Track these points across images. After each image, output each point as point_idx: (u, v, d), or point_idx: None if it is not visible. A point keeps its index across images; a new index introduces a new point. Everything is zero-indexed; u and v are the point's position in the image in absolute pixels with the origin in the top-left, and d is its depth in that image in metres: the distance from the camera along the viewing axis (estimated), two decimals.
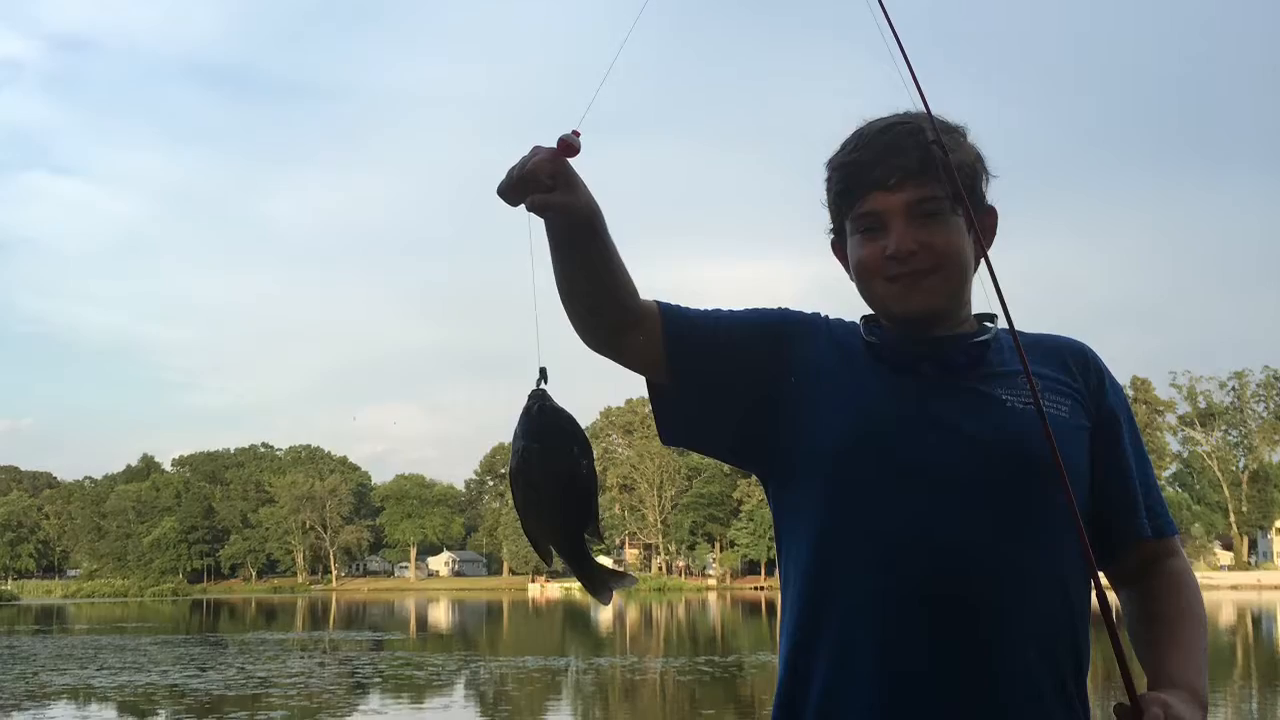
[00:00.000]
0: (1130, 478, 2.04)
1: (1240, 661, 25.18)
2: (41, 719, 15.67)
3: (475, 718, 17.29)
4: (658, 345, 1.99)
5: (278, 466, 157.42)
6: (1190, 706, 1.79)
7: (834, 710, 1.90)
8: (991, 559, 1.86)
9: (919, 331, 1.99)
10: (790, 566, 2.03)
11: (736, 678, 22.03)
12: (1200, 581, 2.13)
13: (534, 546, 1.96)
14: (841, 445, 1.94)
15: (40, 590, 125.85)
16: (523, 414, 1.89)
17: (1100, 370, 2.07)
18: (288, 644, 33.66)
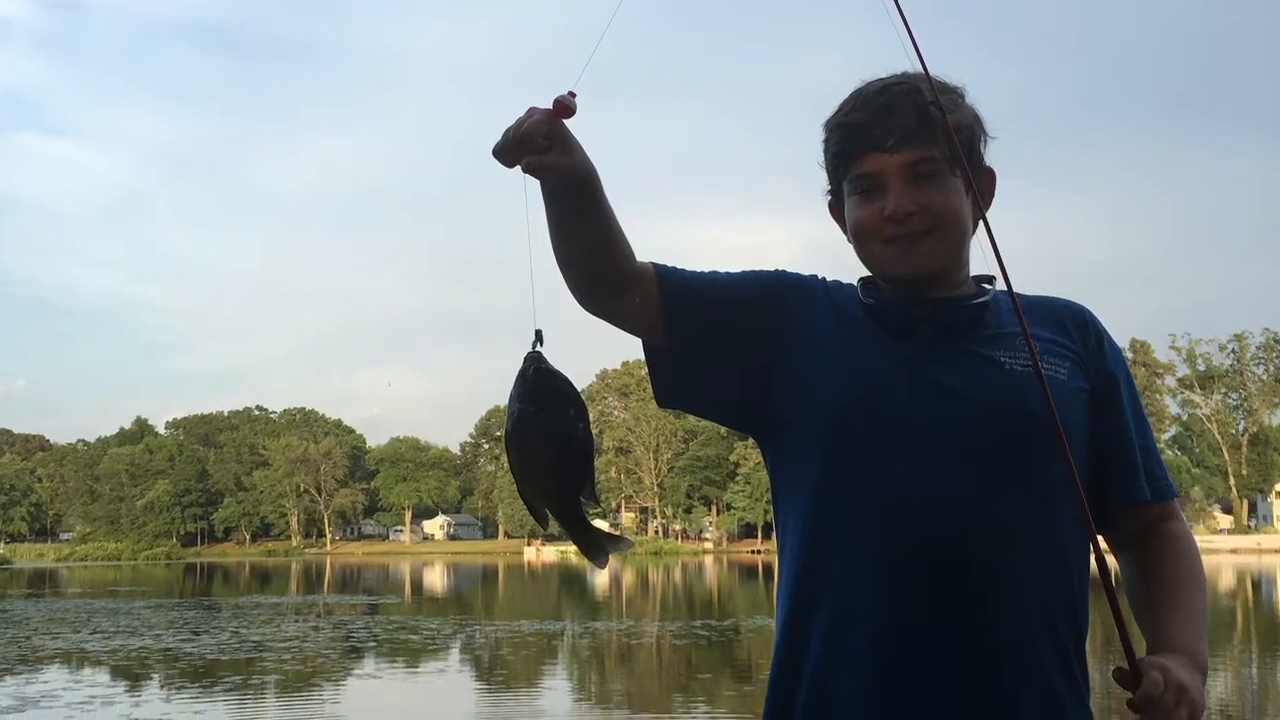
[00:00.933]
0: (1129, 440, 2.03)
1: (1240, 625, 25.15)
2: (34, 683, 15.49)
3: (470, 682, 17.14)
4: (654, 307, 1.98)
5: (272, 429, 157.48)
6: (1190, 670, 1.78)
7: (832, 673, 1.89)
8: (990, 522, 1.85)
9: (917, 293, 1.99)
10: (788, 529, 2.03)
11: (733, 642, 21.95)
12: (1200, 545, 2.11)
13: (530, 510, 1.96)
14: (839, 407, 1.94)
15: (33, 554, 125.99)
16: (518, 377, 1.89)
17: (1099, 332, 2.07)
18: (282, 608, 33.57)
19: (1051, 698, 1.87)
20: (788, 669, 1.96)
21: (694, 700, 14.20)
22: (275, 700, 14.26)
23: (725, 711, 13.24)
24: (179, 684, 15.86)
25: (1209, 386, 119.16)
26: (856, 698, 1.87)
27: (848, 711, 1.88)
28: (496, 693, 15.47)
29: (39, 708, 13.07)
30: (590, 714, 13.73)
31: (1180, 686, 1.73)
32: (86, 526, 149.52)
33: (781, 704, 1.97)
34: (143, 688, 15.71)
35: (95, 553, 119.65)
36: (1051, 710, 1.87)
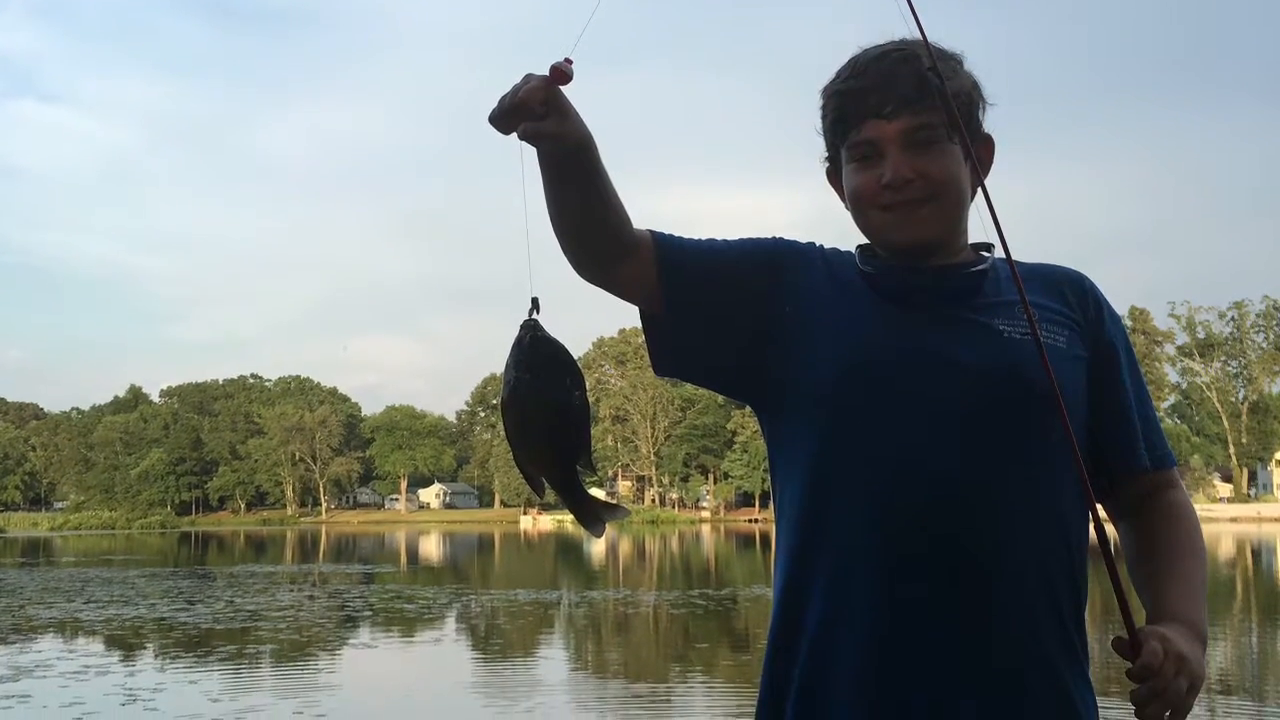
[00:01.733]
0: (1129, 409, 2.03)
1: (1240, 594, 25.13)
2: (28, 653, 15.40)
3: (466, 651, 17.06)
4: (651, 275, 1.99)
5: (267, 398, 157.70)
6: (1190, 640, 1.78)
7: (829, 643, 1.89)
8: (989, 490, 1.86)
9: (915, 261, 1.99)
10: (785, 498, 2.03)
11: (730, 611, 21.87)
12: (1199, 514, 2.11)
13: (526, 478, 1.95)
14: (837, 375, 1.93)
15: (26, 522, 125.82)
16: (514, 344, 1.89)
17: (1098, 300, 2.06)
18: (277, 577, 33.50)
19: (1050, 667, 1.86)
20: (785, 638, 1.96)
21: (691, 670, 14.12)
22: (270, 669, 14.17)
23: (722, 681, 13.18)
24: (174, 653, 15.76)
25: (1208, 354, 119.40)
26: (854, 667, 1.87)
27: (845, 681, 1.87)
28: (492, 662, 15.39)
29: (33, 677, 12.97)
30: (587, 683, 13.65)
31: (1180, 656, 1.73)
32: (80, 495, 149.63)
33: (779, 672, 1.97)
34: (137, 657, 15.61)
35: (89, 521, 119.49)
36: (1051, 680, 1.86)
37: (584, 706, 11.82)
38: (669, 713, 11.26)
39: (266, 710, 11.02)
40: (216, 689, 12.26)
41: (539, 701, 11.79)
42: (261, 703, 11.50)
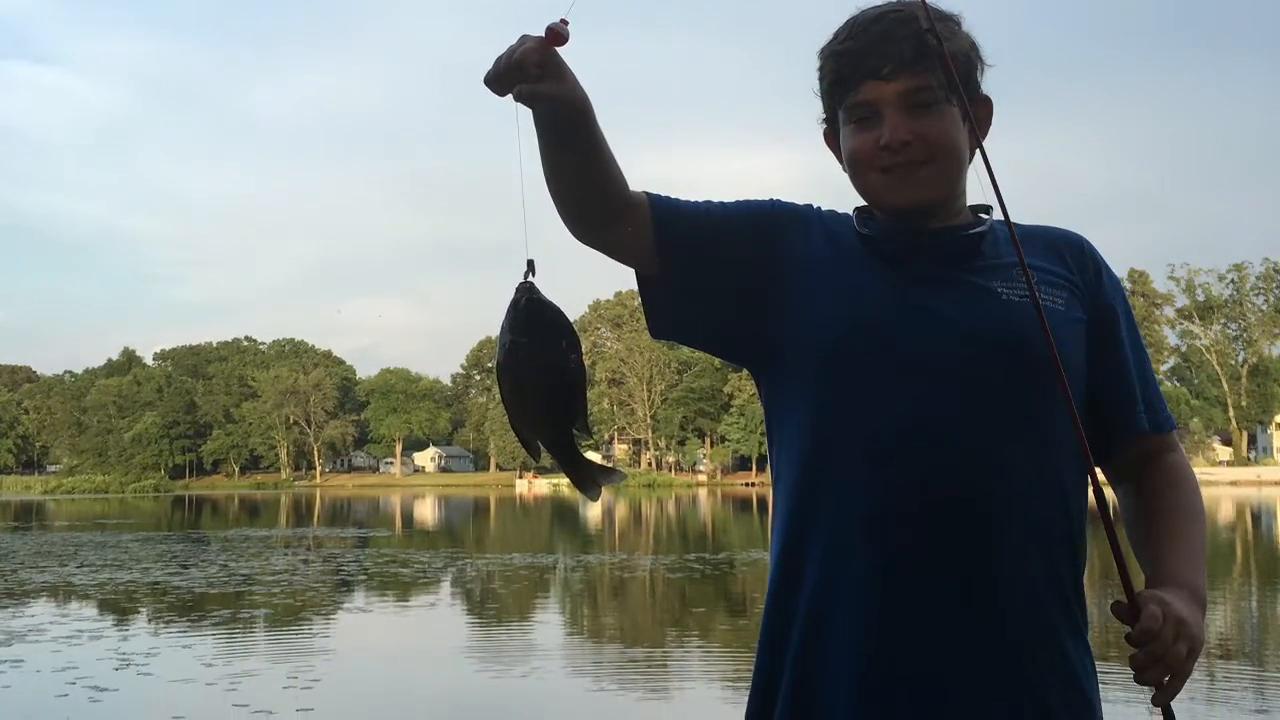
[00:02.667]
0: (1127, 371, 2.03)
1: (1239, 558, 25.10)
2: (21, 617, 15.33)
3: (462, 616, 17.02)
4: (647, 237, 1.98)
5: (261, 360, 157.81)
6: (1189, 604, 1.78)
7: (828, 604, 1.89)
8: (988, 453, 1.85)
9: (913, 223, 1.98)
10: (783, 461, 2.02)
11: (727, 575, 21.83)
12: (1199, 477, 2.10)
13: (521, 442, 1.93)
14: (834, 338, 1.93)
15: (19, 486, 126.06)
16: (510, 307, 1.88)
17: (1097, 263, 2.06)
18: (271, 541, 33.44)
19: (1049, 632, 1.86)
20: (782, 602, 1.96)
21: (687, 634, 14.06)
22: (264, 634, 14.10)
23: (719, 645, 13.11)
24: (167, 618, 15.69)
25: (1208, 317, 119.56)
26: (852, 628, 1.86)
27: (843, 645, 1.87)
28: (488, 627, 15.34)
29: (25, 642, 12.89)
30: (583, 648, 13.59)
31: (1179, 620, 1.73)
32: (73, 459, 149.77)
33: (777, 634, 1.96)
34: (131, 621, 15.55)
35: (82, 485, 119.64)
36: (1049, 644, 1.86)
37: (580, 671, 11.75)
38: (665, 677, 11.21)
39: (260, 674, 10.94)
40: (210, 653, 12.18)
41: (534, 666, 11.72)
42: (255, 667, 11.42)
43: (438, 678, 11.28)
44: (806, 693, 1.91)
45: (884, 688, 1.84)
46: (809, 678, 1.90)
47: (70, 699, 9.63)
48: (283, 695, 9.74)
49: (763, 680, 1.98)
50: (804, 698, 1.91)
